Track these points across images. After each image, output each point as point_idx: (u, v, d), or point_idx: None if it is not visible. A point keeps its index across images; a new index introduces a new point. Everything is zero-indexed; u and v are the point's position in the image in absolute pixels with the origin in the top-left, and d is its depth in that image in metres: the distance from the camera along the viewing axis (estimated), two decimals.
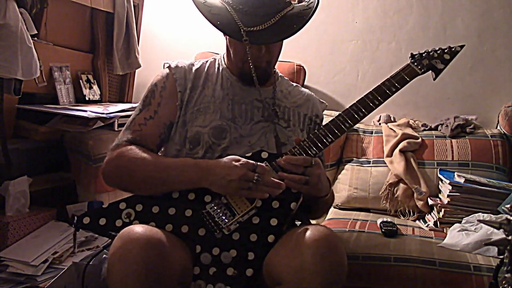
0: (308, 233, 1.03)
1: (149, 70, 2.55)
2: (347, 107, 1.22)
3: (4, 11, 1.50)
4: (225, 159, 1.13)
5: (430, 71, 1.27)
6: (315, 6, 1.26)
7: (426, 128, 2.13)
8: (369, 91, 1.23)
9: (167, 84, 1.28)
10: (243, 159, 1.12)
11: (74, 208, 1.79)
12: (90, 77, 2.15)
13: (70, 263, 1.45)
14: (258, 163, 1.11)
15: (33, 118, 1.86)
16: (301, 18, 1.23)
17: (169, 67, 1.31)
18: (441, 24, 2.29)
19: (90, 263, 1.22)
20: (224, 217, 1.13)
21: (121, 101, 2.35)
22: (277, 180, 1.11)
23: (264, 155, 1.18)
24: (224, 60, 1.35)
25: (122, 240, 0.97)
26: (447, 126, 2.06)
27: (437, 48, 1.28)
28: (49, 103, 1.90)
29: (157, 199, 1.15)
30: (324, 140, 1.18)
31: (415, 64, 1.26)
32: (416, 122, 2.19)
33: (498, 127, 2.10)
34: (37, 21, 1.76)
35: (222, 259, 1.09)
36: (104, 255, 1.49)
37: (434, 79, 1.27)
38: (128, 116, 1.98)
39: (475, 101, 2.23)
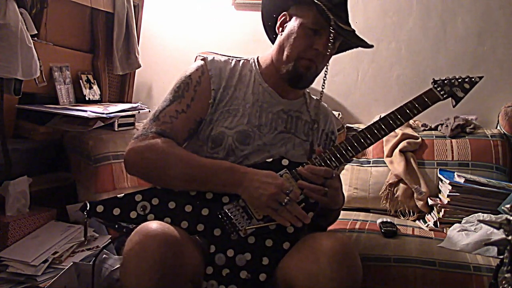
0: (324, 239, 1.04)
1: (149, 70, 2.56)
2: (370, 124, 1.22)
3: (4, 11, 1.50)
4: (263, 171, 1.13)
5: (450, 98, 1.28)
6: (369, 45, 1.33)
7: (426, 128, 2.13)
8: (391, 111, 1.23)
9: (202, 80, 1.26)
10: (280, 179, 1.12)
11: (74, 208, 1.79)
12: (90, 77, 2.15)
13: (70, 263, 1.45)
14: (294, 189, 1.11)
15: (33, 118, 1.85)
16: (363, 40, 1.30)
17: (204, 60, 1.29)
18: (441, 24, 2.29)
19: (90, 262, 1.22)
20: (241, 220, 1.13)
21: (121, 101, 2.35)
22: (304, 212, 1.10)
23: (285, 162, 1.19)
24: (257, 64, 1.34)
25: (139, 236, 0.97)
26: (447, 126, 2.07)
27: (457, 77, 1.29)
28: (49, 103, 1.89)
29: (174, 195, 1.14)
30: (345, 154, 1.19)
31: (438, 89, 1.26)
32: (416, 122, 2.19)
33: (498, 127, 2.10)
34: (37, 21, 1.76)
35: (237, 261, 1.09)
36: (104, 255, 1.49)
37: (454, 106, 1.28)
38: (128, 116, 2.00)
39: (475, 101, 2.23)
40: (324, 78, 1.31)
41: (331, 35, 1.20)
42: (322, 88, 1.33)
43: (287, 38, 1.26)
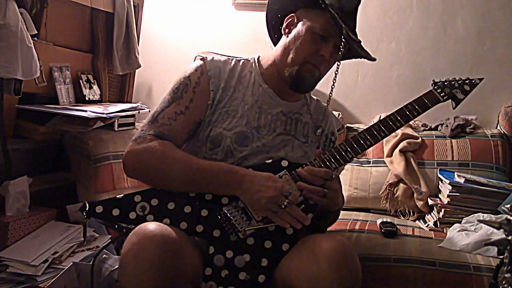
0: (323, 241, 1.04)
1: (149, 70, 2.56)
2: (369, 125, 1.22)
3: (4, 11, 1.50)
4: (262, 173, 1.13)
5: (450, 100, 1.27)
6: (372, 57, 1.32)
7: (426, 128, 2.13)
8: (391, 112, 1.23)
9: (201, 80, 1.25)
10: (280, 182, 1.11)
11: (74, 208, 1.79)
12: (90, 77, 2.15)
13: (70, 263, 1.45)
14: (293, 191, 1.11)
15: (33, 118, 1.85)
16: (368, 52, 1.30)
17: (203, 60, 1.28)
18: (441, 24, 2.29)
19: (90, 262, 1.22)
20: (240, 221, 1.12)
21: (121, 101, 2.35)
22: (303, 214, 1.10)
23: (284, 163, 1.18)
24: (257, 65, 1.33)
25: (137, 237, 0.96)
26: (447, 126, 2.06)
27: (457, 78, 1.29)
28: (49, 103, 1.89)
29: (173, 196, 1.14)
30: (345, 155, 1.18)
31: (438, 91, 1.26)
32: (416, 122, 2.19)
33: (498, 127, 2.10)
34: (37, 21, 1.76)
35: (236, 262, 1.09)
36: (104, 255, 1.49)
37: (454, 108, 1.28)
38: (128, 116, 2.00)
39: (475, 101, 2.23)
40: (333, 86, 1.30)
41: (342, 43, 1.20)
42: (330, 95, 1.33)
43: (294, 41, 1.25)
